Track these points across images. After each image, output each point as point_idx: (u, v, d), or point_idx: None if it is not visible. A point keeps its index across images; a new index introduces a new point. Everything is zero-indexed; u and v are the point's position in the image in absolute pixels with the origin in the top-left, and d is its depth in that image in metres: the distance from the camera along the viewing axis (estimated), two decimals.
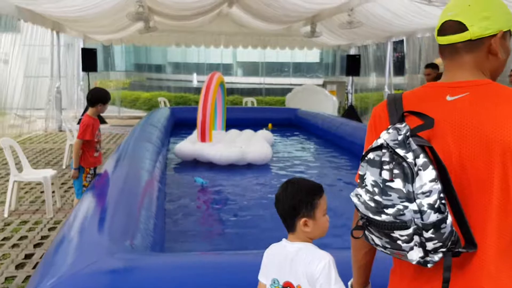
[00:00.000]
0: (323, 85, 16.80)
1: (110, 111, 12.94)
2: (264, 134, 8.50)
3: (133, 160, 5.21)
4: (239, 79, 21.33)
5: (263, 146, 7.45)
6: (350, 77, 15.56)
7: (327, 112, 12.40)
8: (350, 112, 14.88)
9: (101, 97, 4.74)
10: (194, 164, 7.39)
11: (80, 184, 4.70)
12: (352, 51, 16.09)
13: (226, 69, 22.41)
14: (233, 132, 8.81)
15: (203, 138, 7.60)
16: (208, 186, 6.20)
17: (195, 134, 7.88)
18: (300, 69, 22.71)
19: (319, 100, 14.18)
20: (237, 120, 10.15)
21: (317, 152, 8.97)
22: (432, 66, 6.78)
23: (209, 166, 7.17)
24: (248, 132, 8.73)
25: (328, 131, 10.05)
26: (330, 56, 21.64)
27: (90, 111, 4.78)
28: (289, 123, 12.37)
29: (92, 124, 4.65)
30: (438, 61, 10.96)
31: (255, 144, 7.52)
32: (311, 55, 20.97)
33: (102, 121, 12.22)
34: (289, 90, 16.22)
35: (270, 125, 11.82)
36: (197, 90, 18.56)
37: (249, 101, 15.57)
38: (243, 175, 6.75)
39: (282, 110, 13.37)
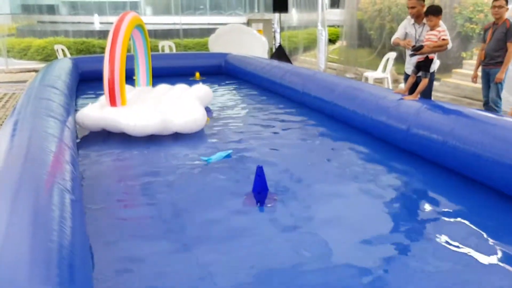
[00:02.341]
0: (248, 24, 15.07)
1: None
2: (201, 90, 6.75)
3: (29, 156, 3.37)
4: (149, 19, 18.77)
5: (193, 108, 5.65)
6: (277, 14, 13.97)
7: (256, 55, 10.88)
8: (279, 53, 13.43)
9: None
10: (104, 136, 5.55)
11: None
12: None
13: (133, 7, 19.70)
14: (162, 88, 6.93)
15: (112, 101, 5.67)
16: (124, 165, 4.63)
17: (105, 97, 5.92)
18: (217, 5, 20.57)
19: (246, 42, 12.53)
20: (157, 70, 8.24)
21: (261, 106, 7.48)
22: None
23: (124, 137, 5.39)
24: (179, 87, 6.92)
25: (269, 79, 8.57)
26: None
27: None
28: (218, 71, 10.69)
29: None
30: None
31: (183, 106, 5.72)
32: None
33: None
34: (209, 30, 14.32)
35: (197, 74, 10.07)
36: (102, 34, 15.98)
37: (166, 46, 13.49)
38: (167, 149, 5.13)
39: (209, 55, 11.53)
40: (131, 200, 3.86)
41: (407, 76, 5.78)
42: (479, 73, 6.17)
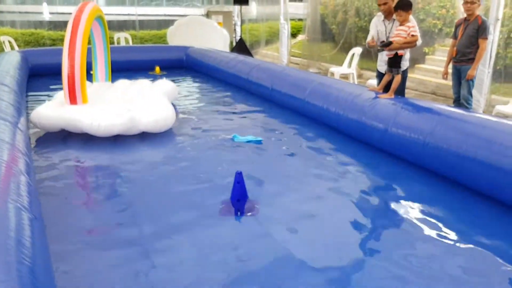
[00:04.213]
0: (207, 16, 14.64)
1: None
2: (165, 86, 6.35)
3: None
4: (103, 10, 17.92)
5: (162, 106, 5.33)
6: (237, 6, 13.65)
7: (217, 48, 10.54)
8: (240, 46, 13.12)
9: None
10: (63, 136, 5.11)
11: None
12: None
13: None
14: (122, 83, 6.47)
15: (72, 99, 5.22)
16: (86, 167, 4.23)
17: (63, 93, 5.46)
18: None
19: (207, 34, 12.15)
20: (115, 64, 7.75)
21: (227, 102, 7.17)
22: None
23: (85, 138, 4.98)
24: (142, 83, 6.48)
25: (235, 75, 8.26)
26: None
27: None
28: (179, 65, 10.27)
29: None
30: None
31: (150, 104, 5.36)
32: None
33: None
34: (166, 22, 13.82)
35: (157, 68, 9.61)
36: (52, 25, 15.08)
37: (122, 38, 12.88)
38: (135, 150, 4.78)
39: (170, 48, 11.03)
40: (95, 209, 3.48)
41: (379, 74, 5.65)
42: (450, 70, 6.12)
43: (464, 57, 5.76)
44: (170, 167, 4.33)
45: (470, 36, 5.66)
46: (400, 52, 5.00)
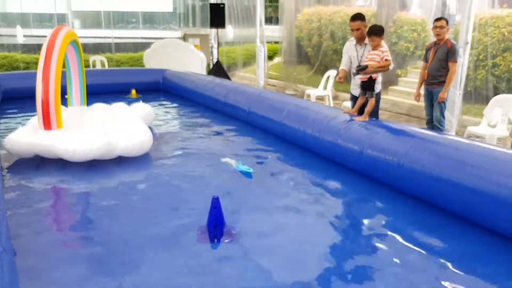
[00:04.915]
0: (184, 39, 14.70)
1: None
2: (142, 109, 6.30)
3: None
4: (78, 33, 17.83)
5: (139, 130, 5.27)
6: (214, 29, 13.74)
7: (194, 71, 10.56)
8: (217, 69, 13.17)
9: None
10: (38, 162, 5.01)
11: None
12: None
13: (60, 20, 18.63)
14: (97, 107, 6.40)
15: (47, 124, 5.12)
16: (61, 194, 4.14)
17: (36, 118, 5.36)
18: (151, 19, 19.99)
19: (184, 57, 12.16)
20: (91, 87, 7.64)
21: (204, 125, 7.16)
22: (361, 17, 5.36)
23: (61, 164, 4.89)
24: (118, 106, 6.42)
25: (211, 97, 8.27)
26: (183, 5, 19.36)
27: None
28: (155, 88, 10.24)
29: None
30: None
31: (127, 127, 5.31)
32: (162, 4, 18.46)
33: None
34: (143, 45, 13.79)
35: (133, 91, 9.56)
36: (26, 48, 14.88)
37: (98, 60, 12.81)
38: (111, 175, 4.71)
39: (146, 71, 10.99)
40: (70, 238, 3.40)
41: (353, 97, 5.74)
42: (422, 92, 6.27)
43: (435, 80, 5.92)
44: (146, 192, 4.28)
45: (441, 60, 5.82)
46: (374, 75, 5.11)
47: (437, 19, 5.86)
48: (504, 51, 7.80)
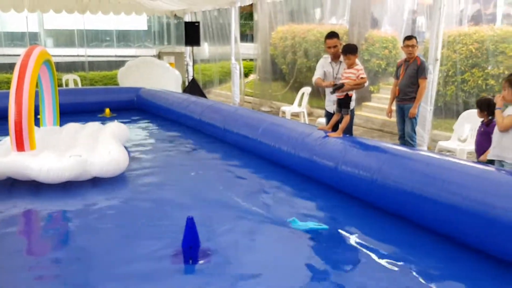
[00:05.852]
0: (159, 57, 14.69)
1: None
2: (116, 128, 6.24)
3: None
4: (51, 51, 17.61)
5: (114, 150, 5.18)
6: (188, 47, 13.78)
7: (169, 89, 10.55)
8: (192, 87, 13.17)
9: None
10: (10, 184, 4.89)
11: None
12: (188, 18, 14.20)
13: (32, 39, 18.40)
14: (71, 127, 6.31)
15: (19, 146, 5.02)
16: (34, 216, 4.05)
17: (8, 140, 5.26)
18: (125, 37, 19.92)
19: (159, 75, 12.15)
20: (64, 107, 7.52)
21: (180, 143, 7.13)
22: (337, 35, 5.45)
23: (33, 186, 4.78)
24: (92, 126, 6.34)
25: (187, 115, 8.27)
26: (157, 23, 19.38)
27: None
28: (130, 106, 10.17)
29: None
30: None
31: (102, 147, 5.24)
32: (137, 22, 18.43)
33: None
34: (117, 63, 13.73)
35: (107, 110, 9.47)
36: None
37: (71, 79, 12.67)
38: (85, 197, 4.63)
39: (120, 90, 10.91)
40: (42, 261, 3.31)
41: (327, 113, 5.81)
42: (394, 108, 6.39)
43: (406, 96, 6.06)
44: (122, 213, 4.22)
45: (411, 77, 5.97)
46: (350, 93, 5.20)
47: (408, 38, 6.02)
48: (472, 67, 8.04)
